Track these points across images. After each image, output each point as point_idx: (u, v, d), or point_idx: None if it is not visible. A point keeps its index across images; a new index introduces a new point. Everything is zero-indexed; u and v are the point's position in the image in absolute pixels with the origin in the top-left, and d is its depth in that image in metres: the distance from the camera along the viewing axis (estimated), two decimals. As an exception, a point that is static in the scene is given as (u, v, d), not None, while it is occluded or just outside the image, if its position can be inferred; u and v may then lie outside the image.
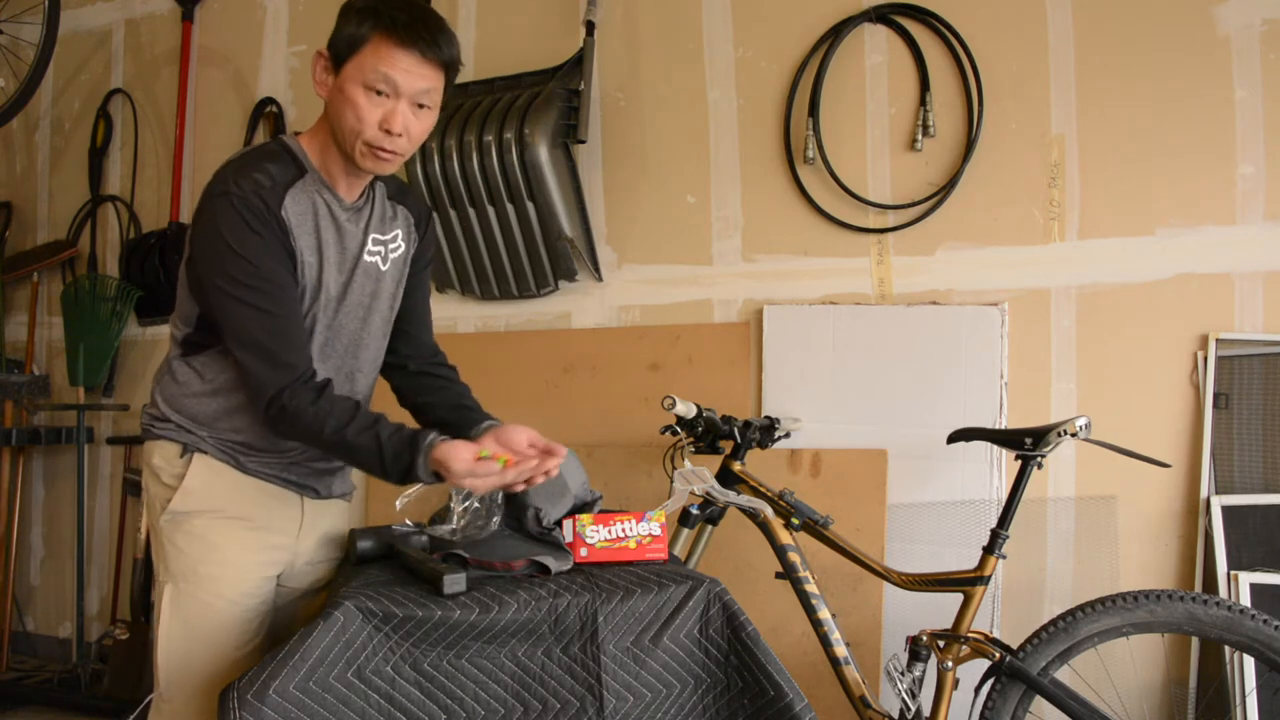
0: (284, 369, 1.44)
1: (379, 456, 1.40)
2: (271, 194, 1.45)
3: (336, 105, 1.47)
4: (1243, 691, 2.10)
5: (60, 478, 3.75)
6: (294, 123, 3.36)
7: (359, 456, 1.43)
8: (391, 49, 1.43)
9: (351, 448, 1.42)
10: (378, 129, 1.45)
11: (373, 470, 1.43)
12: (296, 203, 1.49)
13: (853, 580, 2.46)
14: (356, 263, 1.59)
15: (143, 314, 3.56)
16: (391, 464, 1.40)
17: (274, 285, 1.45)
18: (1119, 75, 2.38)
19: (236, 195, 1.42)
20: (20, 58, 3.30)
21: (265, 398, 1.43)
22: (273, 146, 1.54)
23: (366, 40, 1.43)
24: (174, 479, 1.56)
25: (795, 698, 1.38)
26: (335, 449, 1.44)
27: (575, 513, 1.66)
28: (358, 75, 1.44)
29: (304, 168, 1.52)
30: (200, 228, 1.46)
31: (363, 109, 1.44)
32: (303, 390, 1.43)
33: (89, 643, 3.48)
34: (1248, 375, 2.27)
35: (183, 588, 1.55)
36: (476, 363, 2.99)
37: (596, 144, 2.89)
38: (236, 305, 1.43)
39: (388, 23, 1.42)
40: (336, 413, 1.42)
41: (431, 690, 1.36)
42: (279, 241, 1.46)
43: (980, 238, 2.50)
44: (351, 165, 1.52)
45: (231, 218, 1.42)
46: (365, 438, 1.41)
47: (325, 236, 1.53)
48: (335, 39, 1.47)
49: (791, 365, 2.64)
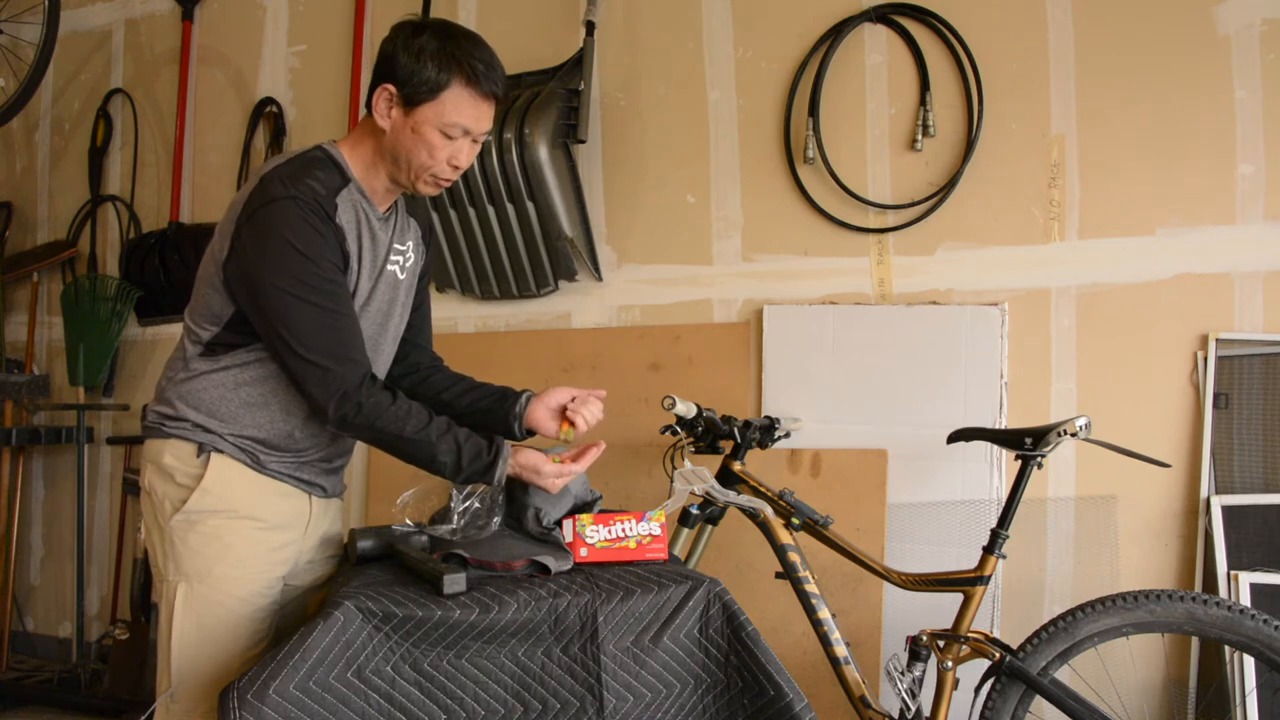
0: (355, 365, 1.48)
1: (457, 456, 1.50)
2: (327, 200, 1.50)
3: (405, 141, 1.53)
4: (1243, 691, 2.10)
5: (60, 478, 3.75)
6: (294, 122, 3.36)
7: (437, 455, 1.50)
8: (474, 101, 1.52)
9: (433, 447, 1.50)
10: (446, 165, 1.55)
11: (443, 468, 1.51)
12: (344, 210, 1.53)
13: (853, 580, 2.46)
14: (381, 271, 1.64)
15: (143, 314, 3.56)
16: (469, 463, 1.51)
17: (338, 286, 1.50)
18: (1119, 75, 2.38)
19: (299, 199, 1.46)
20: (20, 58, 3.30)
21: (337, 395, 1.46)
22: (318, 154, 1.57)
23: (446, 87, 1.50)
24: (189, 478, 1.55)
25: (795, 698, 1.38)
26: (412, 445, 1.50)
27: (575, 513, 1.66)
28: (435, 119, 1.51)
29: (347, 176, 1.56)
30: (258, 230, 1.46)
31: (438, 150, 1.53)
32: (377, 388, 1.49)
33: (89, 643, 3.48)
34: (1248, 375, 2.27)
35: (197, 589, 1.55)
36: (476, 363, 2.97)
37: (596, 144, 2.89)
38: (303, 306, 1.45)
39: (468, 74, 1.50)
40: (415, 413, 1.50)
41: (431, 690, 1.36)
42: (338, 244, 1.50)
43: (980, 238, 2.50)
44: (397, 186, 1.60)
45: (296, 220, 1.45)
46: (447, 439, 1.50)
47: (364, 244, 1.58)
48: (409, 80, 1.49)
49: (791, 365, 2.64)
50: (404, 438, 1.49)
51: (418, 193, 1.60)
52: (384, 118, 1.53)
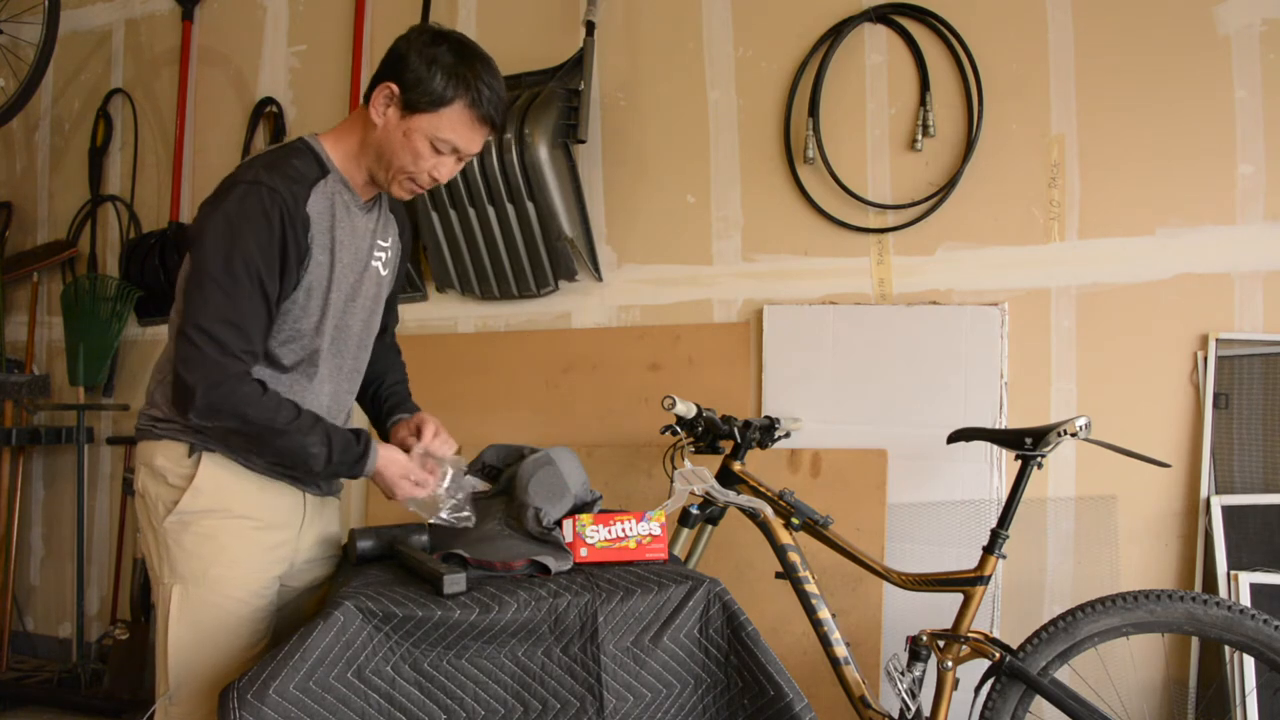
0: (238, 362, 1.45)
1: (328, 448, 1.49)
2: (300, 189, 1.49)
3: (393, 141, 1.53)
4: (1243, 691, 2.10)
5: (60, 478, 3.75)
6: (294, 122, 3.36)
7: (309, 447, 1.48)
8: (472, 124, 1.53)
9: (304, 438, 1.47)
10: (426, 175, 1.56)
11: (315, 460, 1.49)
12: (318, 201, 1.53)
13: (853, 580, 2.46)
14: (366, 265, 1.64)
15: (143, 314, 3.56)
16: (340, 455, 1.50)
17: (263, 281, 1.47)
18: (1119, 75, 2.38)
19: (266, 186, 1.45)
20: (20, 58, 3.30)
21: (210, 380, 1.42)
22: (298, 145, 1.58)
23: (448, 104, 1.50)
24: (181, 479, 1.55)
25: (795, 698, 1.38)
26: (283, 437, 1.47)
27: (575, 513, 1.66)
28: (430, 130, 1.51)
29: (326, 168, 1.56)
30: (211, 208, 1.47)
31: (423, 159, 1.54)
32: (252, 380, 1.47)
33: (89, 643, 3.48)
34: (1248, 375, 2.27)
35: (192, 590, 1.55)
36: (476, 363, 3.00)
37: (596, 144, 2.89)
38: (214, 288, 1.43)
39: (474, 98, 1.51)
40: (285, 405, 1.48)
41: (431, 690, 1.36)
42: (290, 240, 1.48)
43: (980, 238, 2.50)
44: (373, 182, 1.61)
45: (249, 206, 1.45)
46: (317, 431, 1.49)
47: (340, 236, 1.57)
48: (415, 86, 1.50)
49: (791, 365, 2.64)
50: (275, 429, 1.46)
51: (390, 193, 1.61)
52: (379, 114, 1.53)
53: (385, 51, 1.56)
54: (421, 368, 2.31)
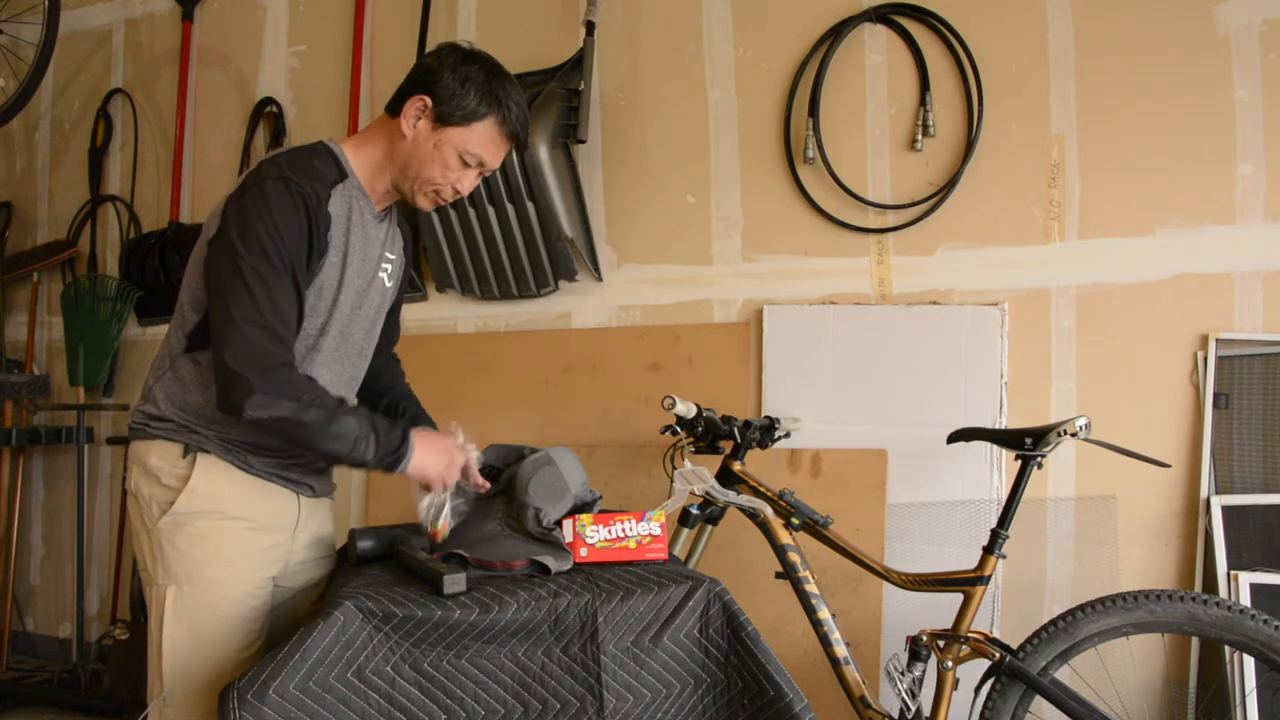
0: (287, 346, 1.46)
1: (373, 435, 1.49)
2: (322, 188, 1.52)
3: (423, 152, 1.57)
4: (1243, 691, 2.10)
5: (60, 478, 3.75)
6: (293, 122, 3.36)
7: (355, 435, 1.48)
8: (499, 139, 1.60)
9: (355, 421, 1.48)
10: (450, 188, 1.61)
11: (359, 449, 1.48)
12: (337, 203, 1.54)
13: (853, 580, 2.46)
14: (374, 275, 1.65)
15: (143, 314, 3.56)
16: (384, 438, 1.50)
17: (294, 272, 1.48)
18: (1119, 75, 2.38)
19: (292, 180, 1.47)
20: (20, 58, 3.30)
21: (270, 363, 1.42)
22: (318, 147, 1.59)
23: (479, 119, 1.56)
24: (176, 480, 1.55)
25: (795, 698, 1.38)
26: (334, 422, 1.46)
27: (575, 513, 1.66)
28: (460, 144, 1.57)
29: (345, 172, 1.58)
30: (244, 203, 1.47)
31: (451, 172, 1.59)
32: (298, 369, 1.48)
33: (89, 643, 3.48)
34: (1248, 375, 2.27)
35: (186, 591, 1.54)
36: (476, 363, 3.00)
37: (596, 144, 2.89)
38: (256, 278, 1.43)
39: (504, 116, 1.58)
40: (330, 395, 1.50)
41: (431, 690, 1.36)
42: (316, 233, 1.50)
43: (980, 238, 2.50)
44: (396, 192, 1.63)
45: (283, 198, 1.46)
46: (361, 414, 1.50)
47: (354, 240, 1.58)
48: (448, 100, 1.54)
49: (791, 365, 2.64)
50: (330, 410, 1.45)
51: (414, 204, 1.63)
52: (410, 125, 1.56)
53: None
54: (421, 368, 2.31)
